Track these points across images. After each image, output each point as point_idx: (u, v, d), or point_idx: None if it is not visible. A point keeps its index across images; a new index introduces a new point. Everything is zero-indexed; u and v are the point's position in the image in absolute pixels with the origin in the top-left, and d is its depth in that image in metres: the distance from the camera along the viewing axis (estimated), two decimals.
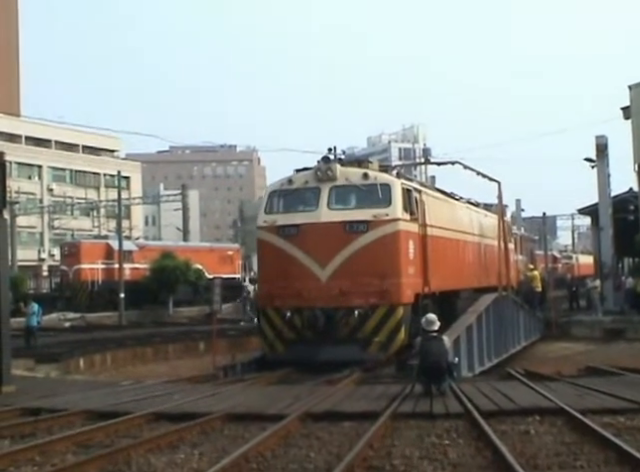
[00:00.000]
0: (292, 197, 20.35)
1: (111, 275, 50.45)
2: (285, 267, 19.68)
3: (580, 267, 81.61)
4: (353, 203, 20.06)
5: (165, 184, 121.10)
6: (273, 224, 20.04)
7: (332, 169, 19.81)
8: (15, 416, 13.43)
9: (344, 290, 19.00)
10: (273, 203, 20.53)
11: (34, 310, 29.09)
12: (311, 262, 19.39)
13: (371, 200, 19.68)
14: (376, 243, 19.28)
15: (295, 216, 19.99)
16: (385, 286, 19.11)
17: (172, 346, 33.24)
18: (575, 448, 9.74)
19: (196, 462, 9.69)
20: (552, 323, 37.48)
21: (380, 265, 19.18)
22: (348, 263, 19.15)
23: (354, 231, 19.37)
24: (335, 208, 19.75)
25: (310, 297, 19.14)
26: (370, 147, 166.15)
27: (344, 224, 19.40)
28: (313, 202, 19.92)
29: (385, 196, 19.60)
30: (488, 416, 11.71)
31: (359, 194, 19.90)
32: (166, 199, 75.35)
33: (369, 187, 19.73)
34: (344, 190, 19.96)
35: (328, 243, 19.29)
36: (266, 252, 20.54)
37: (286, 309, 19.45)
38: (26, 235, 79.83)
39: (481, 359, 23.95)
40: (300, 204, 20.43)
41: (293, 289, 19.33)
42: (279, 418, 11.93)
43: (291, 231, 19.76)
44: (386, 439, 10.71)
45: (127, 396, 15.22)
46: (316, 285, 19.21)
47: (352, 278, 19.04)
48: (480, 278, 28.08)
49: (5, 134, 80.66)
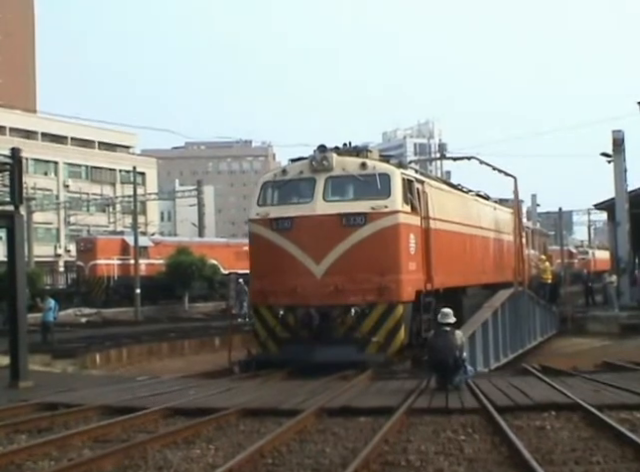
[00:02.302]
0: (286, 188, 19.30)
1: (127, 271, 50.63)
2: (278, 262, 18.65)
3: (596, 262, 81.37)
4: (350, 194, 18.96)
5: (180, 180, 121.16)
6: (266, 217, 18.98)
7: (328, 158, 18.68)
8: (32, 411, 13.52)
9: (340, 287, 17.97)
10: (266, 195, 19.44)
11: (50, 306, 29.25)
12: (305, 257, 18.34)
13: (369, 191, 18.54)
14: (374, 237, 18.19)
15: (289, 208, 18.92)
16: (384, 283, 18.02)
17: (188, 341, 33.30)
18: (591, 444, 9.70)
19: (212, 457, 9.71)
20: (568, 318, 37.37)
21: (378, 260, 18.11)
22: (344, 258, 18.11)
23: (351, 224, 18.28)
24: (331, 200, 18.69)
25: (304, 294, 18.14)
26: (385, 142, 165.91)
27: (340, 217, 18.30)
28: (308, 193, 18.83)
29: (384, 187, 18.47)
30: (504, 411, 11.68)
31: (356, 185, 18.78)
32: (181, 195, 75.32)
33: (367, 177, 18.60)
34: (340, 181, 18.88)
35: (323, 237, 18.24)
36: (258, 247, 19.45)
37: (279, 307, 18.52)
38: (42, 231, 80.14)
39: (497, 354, 23.94)
40: (294, 196, 19.40)
41: (286, 286, 18.30)
42: (294, 413, 11.93)
43: (284, 224, 18.71)
44: (402, 434, 10.69)
45: (143, 391, 15.27)
46: (311, 282, 18.17)
47: (349, 274, 18.01)
48: (489, 274, 26.88)
49: (22, 131, 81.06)
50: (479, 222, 26.44)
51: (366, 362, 17.54)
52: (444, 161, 71.79)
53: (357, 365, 17.32)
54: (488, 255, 27.52)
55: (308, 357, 17.65)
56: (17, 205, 17.61)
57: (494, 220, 29.08)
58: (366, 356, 17.88)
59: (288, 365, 17.92)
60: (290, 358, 18.05)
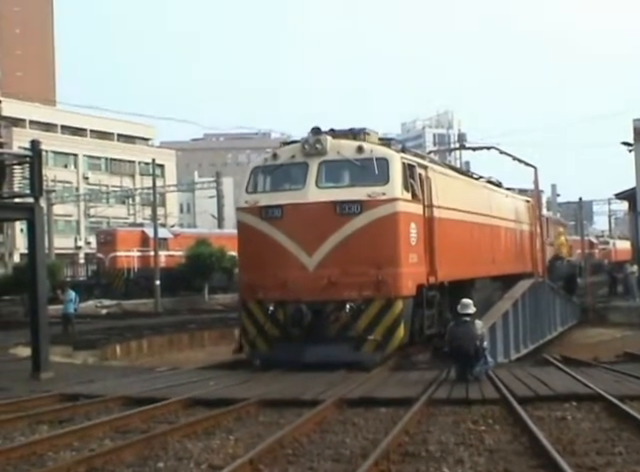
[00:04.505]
0: (277, 174, 17.90)
1: (147, 262, 50.79)
2: (267, 254, 17.31)
3: (617, 252, 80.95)
4: (345, 181, 17.57)
5: (199, 171, 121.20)
6: (255, 205, 17.63)
7: (321, 141, 17.22)
8: (54, 402, 13.61)
9: (334, 281, 16.58)
10: (256, 181, 18.11)
11: (71, 297, 29.35)
12: (297, 248, 16.94)
13: (366, 177, 17.13)
14: (371, 226, 16.79)
15: (279, 196, 17.51)
16: (381, 276, 16.55)
17: (207, 333, 33.42)
18: (613, 434, 9.67)
19: (232, 447, 9.74)
20: (589, 309, 37.20)
21: (376, 252, 16.70)
22: (339, 250, 16.72)
23: (346, 213, 16.85)
24: (324, 186, 17.27)
25: (295, 289, 16.72)
26: (404, 133, 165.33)
27: (334, 205, 16.87)
28: (300, 180, 17.41)
29: (382, 172, 17.05)
30: (524, 402, 11.66)
31: (352, 170, 17.38)
32: (200, 186, 75.40)
33: (364, 162, 17.15)
34: (335, 165, 17.45)
35: (316, 227, 16.84)
36: (247, 237, 18.05)
37: (269, 302, 17.08)
38: (63, 223, 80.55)
39: (517, 345, 23.84)
40: (285, 182, 18.00)
41: (276, 279, 16.88)
42: (314, 404, 11.96)
43: (274, 213, 17.29)
44: (422, 425, 10.69)
45: (163, 382, 15.34)
46: (302, 275, 16.78)
47: (343, 267, 16.63)
48: (500, 265, 25.16)
49: (42, 123, 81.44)
50: (489, 210, 24.73)
51: (362, 363, 16.32)
52: (463, 151, 71.44)
53: (352, 366, 16.10)
54: (499, 245, 25.87)
55: (298, 357, 16.47)
56: (37, 197, 17.69)
57: (507, 208, 27.63)
58: (362, 356, 16.57)
59: (279, 365, 16.66)
60: (280, 357, 16.84)
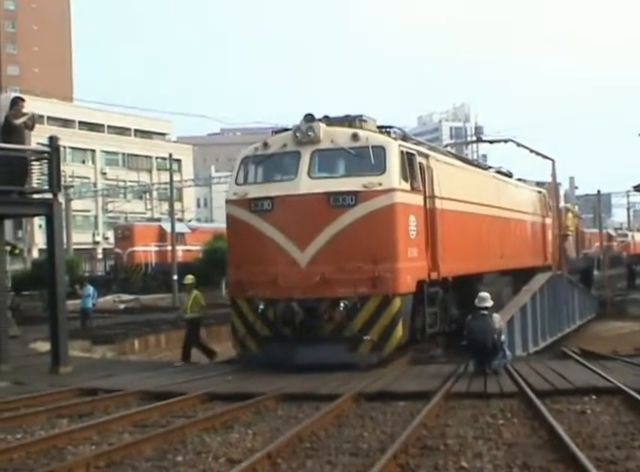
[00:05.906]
0: (267, 164, 17.03)
1: (164, 257, 51.00)
2: (257, 249, 16.43)
3: (636, 245, 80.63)
4: (340, 170, 16.67)
5: (216, 166, 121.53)
6: (244, 197, 16.69)
7: (314, 129, 16.28)
8: (73, 396, 13.69)
9: (327, 277, 15.61)
10: (246, 172, 17.21)
11: (89, 292, 29.48)
12: (288, 243, 16.01)
13: (362, 167, 16.19)
14: (367, 219, 15.78)
15: (270, 187, 16.58)
16: (378, 272, 15.54)
17: (225, 327, 33.40)
18: (633, 428, 9.61)
19: (250, 442, 9.75)
20: (607, 302, 37.04)
21: (372, 246, 15.71)
22: (333, 244, 15.76)
23: (340, 205, 15.86)
24: (317, 177, 16.35)
25: (287, 286, 15.81)
26: (421, 126, 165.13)
27: (328, 196, 15.87)
28: (291, 170, 16.48)
29: (378, 161, 16.08)
30: (543, 395, 11.61)
31: (347, 159, 16.42)
32: (217, 181, 75.50)
33: (359, 150, 16.16)
34: (329, 154, 16.52)
35: (308, 220, 15.93)
36: (236, 231, 17.17)
37: (259, 300, 16.17)
38: (81, 219, 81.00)
39: (535, 338, 23.78)
40: (276, 172, 17.15)
41: (267, 276, 16.00)
42: (332, 398, 11.95)
43: (264, 205, 16.33)
44: (440, 419, 10.67)
45: (181, 377, 15.40)
46: (294, 271, 15.85)
47: (337, 263, 15.66)
48: (510, 259, 23.91)
49: (59, 119, 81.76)
50: (498, 201, 23.41)
51: (357, 364, 15.50)
52: (480, 145, 71.13)
53: (347, 367, 15.24)
54: (509, 238, 24.50)
55: (289, 358, 15.62)
56: (55, 193, 17.75)
57: (517, 199, 26.33)
58: (358, 357, 15.70)
59: (271, 366, 15.81)
60: (271, 358, 16.01)
